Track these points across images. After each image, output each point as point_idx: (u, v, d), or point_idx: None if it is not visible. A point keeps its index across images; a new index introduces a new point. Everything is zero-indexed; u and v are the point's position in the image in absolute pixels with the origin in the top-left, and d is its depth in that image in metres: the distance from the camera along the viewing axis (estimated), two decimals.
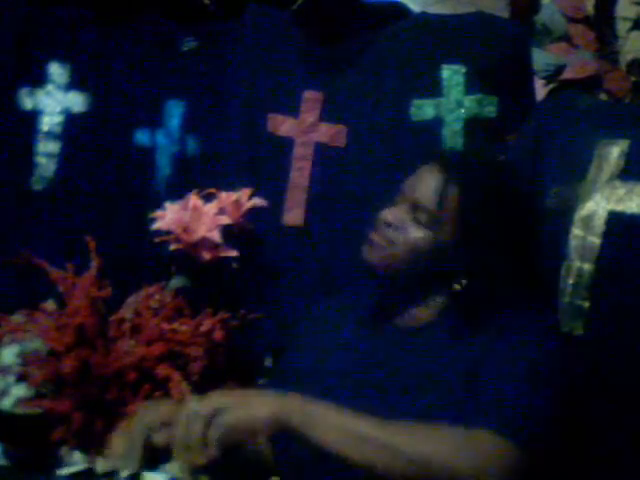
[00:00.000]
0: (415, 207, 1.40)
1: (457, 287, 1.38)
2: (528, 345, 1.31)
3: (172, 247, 1.83)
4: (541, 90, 1.94)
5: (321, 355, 1.46)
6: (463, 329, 1.35)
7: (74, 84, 2.04)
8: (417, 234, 1.38)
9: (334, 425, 1.20)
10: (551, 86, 1.92)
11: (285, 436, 1.22)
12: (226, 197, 1.86)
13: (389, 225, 1.40)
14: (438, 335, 1.38)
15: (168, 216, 1.84)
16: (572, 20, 1.89)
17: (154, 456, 1.30)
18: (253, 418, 1.19)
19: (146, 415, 1.31)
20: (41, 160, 2.02)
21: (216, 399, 1.22)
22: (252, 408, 1.20)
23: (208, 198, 1.86)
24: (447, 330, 1.37)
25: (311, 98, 2.00)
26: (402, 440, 1.19)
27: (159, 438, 1.25)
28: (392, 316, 1.44)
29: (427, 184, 1.40)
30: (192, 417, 1.19)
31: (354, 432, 1.20)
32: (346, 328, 1.48)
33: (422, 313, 1.41)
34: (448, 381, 1.31)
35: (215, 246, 1.82)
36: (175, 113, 2.04)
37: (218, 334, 1.61)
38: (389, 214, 1.41)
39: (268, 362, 1.92)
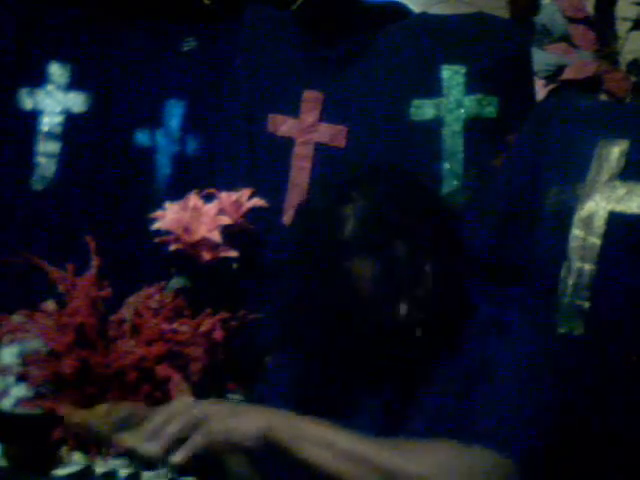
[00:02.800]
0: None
1: None
2: (519, 353, 1.26)
3: (172, 247, 1.83)
4: (541, 90, 1.94)
5: None
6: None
7: (74, 84, 2.04)
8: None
9: (324, 443, 1.14)
10: (551, 86, 1.92)
11: (272, 459, 1.16)
12: (226, 197, 1.86)
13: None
14: None
15: (168, 216, 1.84)
16: (572, 20, 1.89)
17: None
18: (240, 430, 1.13)
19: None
20: (41, 160, 2.02)
21: (207, 405, 1.18)
22: (241, 420, 1.15)
23: (208, 198, 1.86)
24: None
25: (311, 98, 2.01)
26: (397, 462, 1.13)
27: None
28: None
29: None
30: (178, 412, 1.14)
31: (346, 451, 1.14)
32: None
33: None
34: (444, 385, 1.27)
35: (215, 246, 1.82)
36: (175, 113, 2.04)
37: (218, 334, 1.61)
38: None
39: (268, 362, 1.92)
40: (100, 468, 1.45)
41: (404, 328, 1.26)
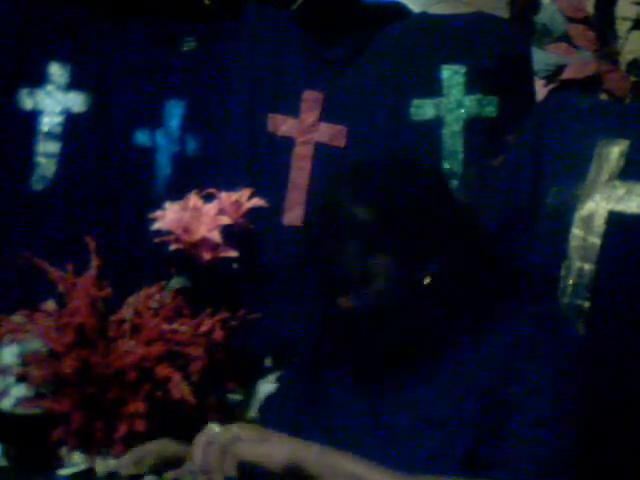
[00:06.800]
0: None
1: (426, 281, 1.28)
2: (546, 383, 1.23)
3: (172, 247, 1.83)
4: (541, 90, 1.94)
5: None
6: (463, 346, 1.27)
7: (74, 84, 2.04)
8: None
9: (353, 477, 1.15)
10: (551, 86, 1.92)
11: None
12: (226, 197, 1.86)
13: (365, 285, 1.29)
14: (440, 369, 1.29)
15: (168, 216, 1.84)
16: (572, 20, 1.89)
17: None
18: (269, 457, 1.16)
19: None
20: (41, 160, 2.02)
21: (235, 430, 1.19)
22: (269, 447, 1.17)
23: (208, 198, 1.86)
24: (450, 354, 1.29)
25: (311, 98, 2.01)
26: None
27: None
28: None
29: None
30: (210, 442, 1.17)
31: None
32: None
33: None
34: (456, 419, 1.24)
35: (215, 246, 1.82)
36: (175, 113, 2.04)
37: (218, 334, 1.61)
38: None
39: (268, 362, 1.92)
40: (101, 468, 1.45)
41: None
